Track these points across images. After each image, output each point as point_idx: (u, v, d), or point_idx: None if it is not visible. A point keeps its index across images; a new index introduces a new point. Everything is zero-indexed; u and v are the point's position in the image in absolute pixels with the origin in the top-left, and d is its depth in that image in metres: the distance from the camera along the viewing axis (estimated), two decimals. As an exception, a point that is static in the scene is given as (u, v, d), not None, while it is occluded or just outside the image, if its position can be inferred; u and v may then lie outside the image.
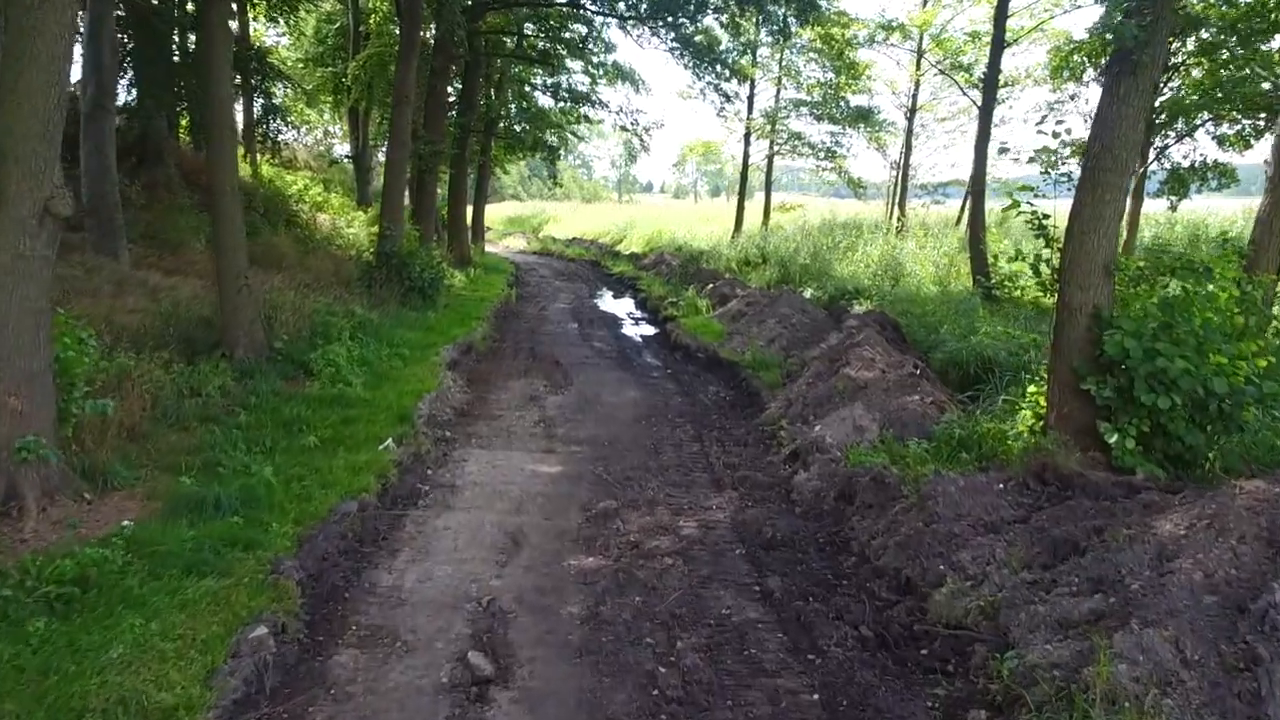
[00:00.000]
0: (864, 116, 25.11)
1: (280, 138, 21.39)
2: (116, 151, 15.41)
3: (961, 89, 19.07)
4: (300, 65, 26.59)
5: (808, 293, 15.25)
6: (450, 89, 22.40)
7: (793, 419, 7.86)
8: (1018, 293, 13.99)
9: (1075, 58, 17.54)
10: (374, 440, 6.71)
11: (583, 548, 5.39)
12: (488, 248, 30.31)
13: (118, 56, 12.15)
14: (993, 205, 16.02)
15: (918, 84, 22.56)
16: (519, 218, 51.19)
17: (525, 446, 7.49)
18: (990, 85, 14.09)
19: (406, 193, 20.38)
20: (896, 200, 23.58)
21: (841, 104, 25.04)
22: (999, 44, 13.98)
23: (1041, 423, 5.92)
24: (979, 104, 15.46)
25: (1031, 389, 6.16)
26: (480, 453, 7.24)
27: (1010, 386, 7.99)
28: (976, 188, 14.39)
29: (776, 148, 26.98)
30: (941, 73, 20.03)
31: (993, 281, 13.86)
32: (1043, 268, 6.01)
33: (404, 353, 9.88)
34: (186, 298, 9.53)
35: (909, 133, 23.32)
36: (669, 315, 14.86)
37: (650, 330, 14.82)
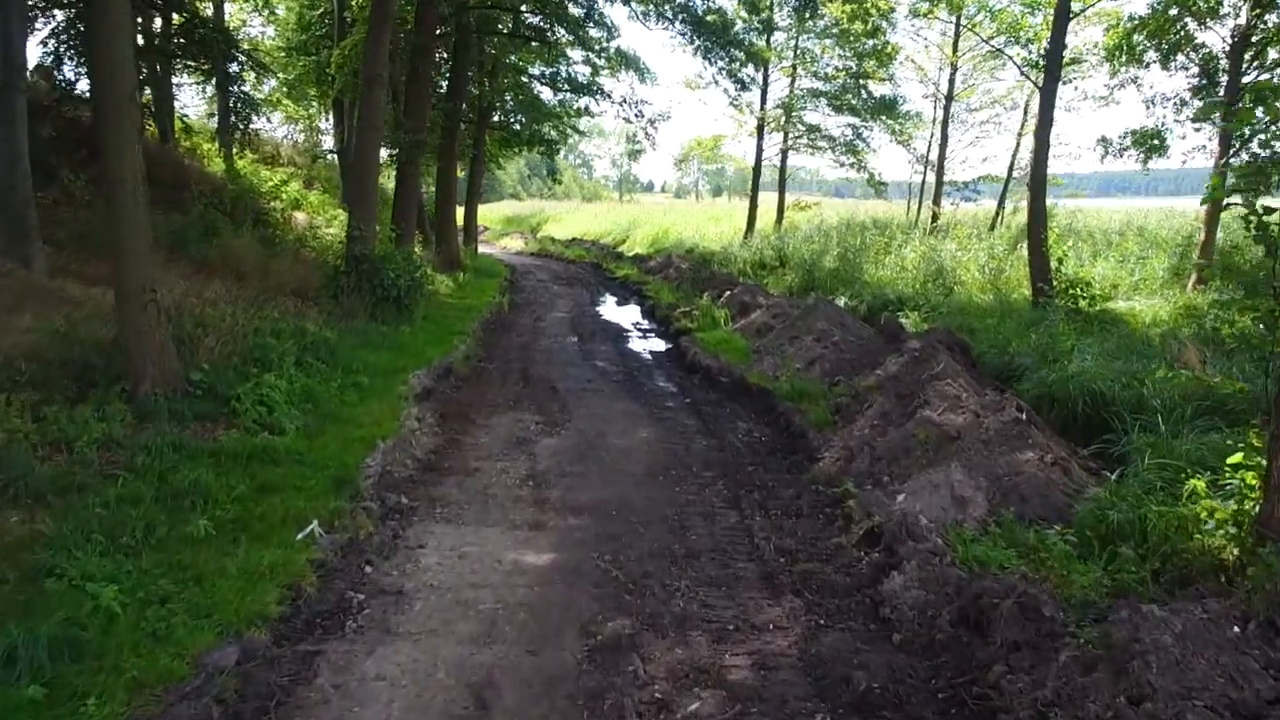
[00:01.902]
0: (887, 107, 23.26)
1: (252, 128, 19.49)
2: (65, 143, 13.62)
3: (1019, 69, 17.13)
4: (283, 55, 24.79)
5: (841, 301, 13.38)
6: (443, 81, 20.56)
7: (860, 478, 5.99)
8: (1084, 303, 12.16)
9: (1136, 37, 15.72)
10: (294, 522, 4.85)
11: (584, 715, 3.53)
12: (482, 249, 28.44)
13: (27, 23, 10.26)
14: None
15: (955, 67, 20.60)
16: (517, 217, 49.40)
17: (507, 519, 5.62)
18: (1054, 63, 12.19)
19: (397, 190, 18.57)
20: (932, 196, 21.62)
21: (863, 93, 23.17)
22: (1063, 14, 12.10)
23: (1255, 511, 4.05)
24: (1039, 85, 13.58)
25: (1234, 459, 4.29)
26: (445, 531, 5.36)
27: (1141, 431, 6.15)
28: (1036, 182, 12.51)
29: (791, 141, 25.13)
30: (997, 50, 18.06)
31: (1055, 289, 12.00)
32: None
33: (363, 381, 8.02)
34: (98, 314, 7.68)
35: (944, 123, 21.36)
36: (682, 327, 12.97)
37: (661, 345, 12.93)
